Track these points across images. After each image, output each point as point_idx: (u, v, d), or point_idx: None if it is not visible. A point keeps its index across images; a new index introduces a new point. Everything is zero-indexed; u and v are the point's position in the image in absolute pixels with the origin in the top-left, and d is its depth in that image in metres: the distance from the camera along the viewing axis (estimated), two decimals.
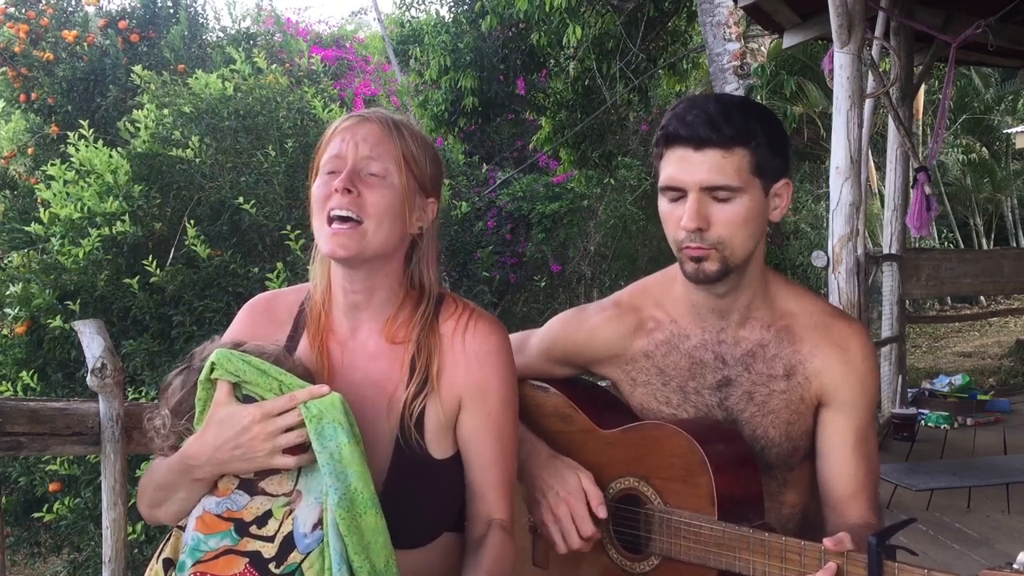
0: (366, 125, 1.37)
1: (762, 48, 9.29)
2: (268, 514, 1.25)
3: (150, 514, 1.37)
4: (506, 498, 1.42)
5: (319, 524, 1.24)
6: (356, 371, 1.41)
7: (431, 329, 1.41)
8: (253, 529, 1.24)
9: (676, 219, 1.42)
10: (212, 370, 1.27)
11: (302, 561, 1.23)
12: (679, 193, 1.42)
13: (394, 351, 1.41)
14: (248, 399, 1.28)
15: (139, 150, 4.96)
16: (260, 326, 1.48)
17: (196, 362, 1.33)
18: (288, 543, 1.23)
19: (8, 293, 4.47)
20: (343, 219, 1.32)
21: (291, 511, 1.25)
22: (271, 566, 1.22)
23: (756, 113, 1.44)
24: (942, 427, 5.71)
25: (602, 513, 1.48)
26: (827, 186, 4.99)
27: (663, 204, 1.46)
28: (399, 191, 1.35)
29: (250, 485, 1.28)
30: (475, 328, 1.42)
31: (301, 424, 1.24)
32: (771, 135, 1.42)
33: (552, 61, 8.82)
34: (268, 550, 1.23)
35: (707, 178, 1.38)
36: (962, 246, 12.95)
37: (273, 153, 5.11)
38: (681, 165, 1.40)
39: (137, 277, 4.44)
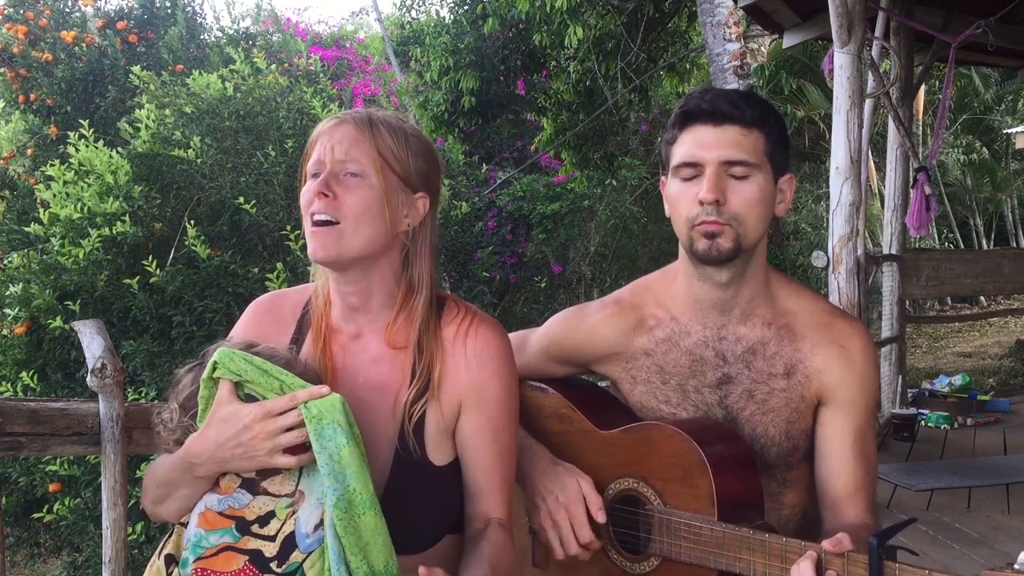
0: (342, 127, 1.37)
1: (762, 48, 9.30)
2: (271, 514, 1.26)
3: (153, 511, 1.37)
4: (505, 500, 1.42)
5: (321, 524, 1.24)
6: (358, 374, 1.41)
7: (432, 333, 1.41)
8: (255, 528, 1.25)
9: (691, 196, 1.43)
10: (214, 369, 1.28)
11: (303, 561, 1.23)
12: (695, 170, 1.43)
13: (396, 355, 1.41)
14: (250, 398, 1.28)
15: (139, 150, 4.96)
16: (264, 326, 1.48)
17: (208, 359, 1.34)
18: (290, 543, 1.24)
19: (8, 293, 4.47)
20: (323, 223, 1.33)
21: (293, 512, 1.26)
22: (272, 565, 1.22)
23: (769, 105, 1.48)
24: (942, 427, 5.71)
25: (601, 518, 1.48)
26: (827, 186, 4.99)
27: (675, 185, 1.46)
28: (377, 191, 1.34)
29: (252, 485, 1.28)
30: (476, 332, 1.42)
31: (302, 424, 1.24)
32: (780, 129, 1.46)
33: (553, 62, 8.82)
34: (269, 549, 1.23)
35: (727, 153, 1.40)
36: (962, 246, 12.94)
37: (273, 153, 5.11)
38: (700, 141, 1.42)
39: (137, 277, 4.44)
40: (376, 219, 1.35)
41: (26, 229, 5.04)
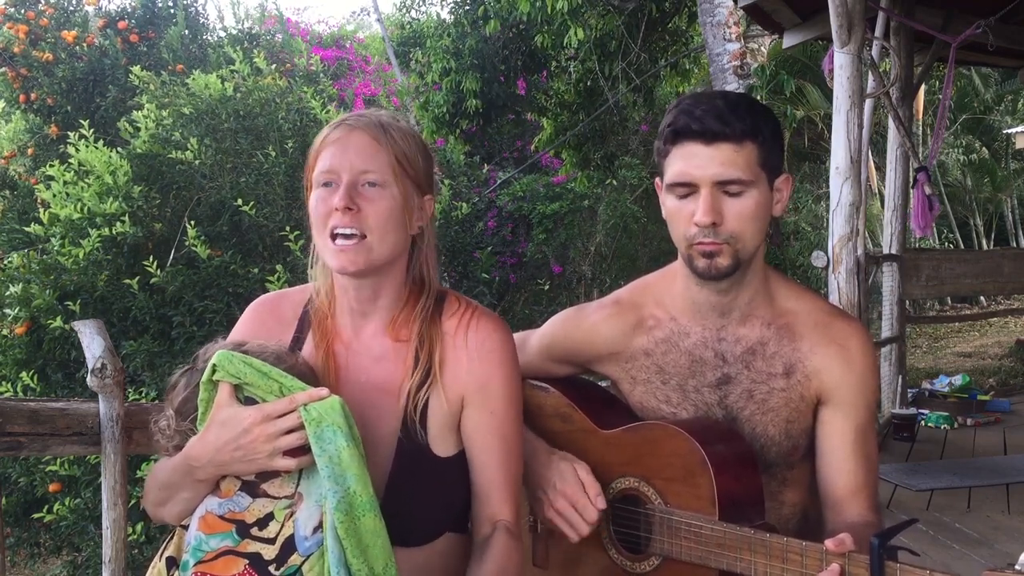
0: (356, 135, 1.35)
1: (762, 48, 9.30)
2: (270, 516, 1.26)
3: (155, 512, 1.37)
4: (511, 499, 1.42)
5: (320, 527, 1.24)
6: (361, 372, 1.41)
7: (433, 323, 1.41)
8: (254, 531, 1.25)
9: (686, 215, 1.42)
10: (214, 372, 1.28)
11: (302, 563, 1.23)
12: (689, 189, 1.41)
13: (398, 350, 1.41)
14: (249, 401, 1.28)
15: (139, 151, 4.96)
16: (266, 326, 1.48)
17: (200, 363, 1.33)
18: (289, 545, 1.24)
19: (8, 293, 4.47)
20: (347, 236, 1.32)
21: (292, 514, 1.26)
22: (271, 568, 1.22)
23: (760, 109, 1.46)
24: (942, 427, 5.71)
25: (601, 503, 1.47)
26: (827, 186, 4.99)
27: (670, 201, 1.45)
28: (398, 198, 1.34)
29: (252, 487, 1.28)
30: (478, 326, 1.42)
31: (301, 426, 1.24)
32: (773, 130, 1.44)
33: (554, 62, 8.82)
34: (269, 552, 1.23)
35: (720, 172, 1.38)
36: (962, 246, 12.94)
37: (273, 154, 5.11)
38: (692, 160, 1.40)
39: (137, 278, 4.44)
40: (399, 226, 1.35)
41: (26, 229, 5.04)
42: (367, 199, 1.33)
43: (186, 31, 8.55)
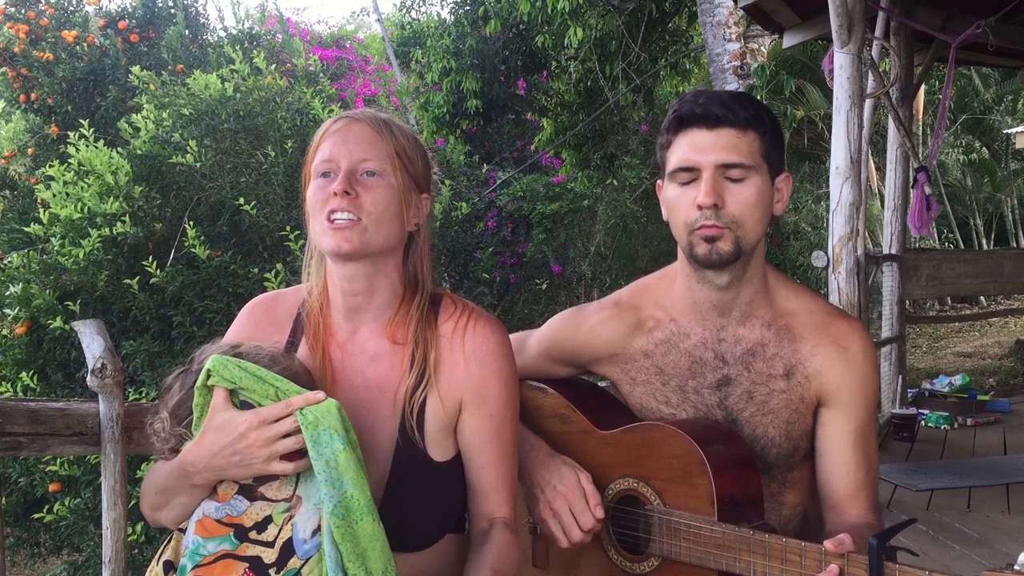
0: (357, 126, 1.37)
1: (762, 48, 9.29)
2: (268, 519, 1.25)
3: (152, 516, 1.37)
4: (509, 498, 1.42)
5: (318, 530, 1.23)
6: (356, 374, 1.41)
7: (429, 326, 1.41)
8: (253, 534, 1.24)
9: (688, 201, 1.43)
10: (208, 376, 1.27)
11: (302, 567, 1.22)
12: (692, 174, 1.42)
13: (395, 351, 1.40)
14: (245, 405, 1.28)
15: (139, 151, 4.96)
16: (261, 327, 1.48)
17: (195, 365, 1.33)
18: (288, 549, 1.23)
19: (8, 293, 4.46)
20: (344, 219, 1.33)
21: (291, 517, 1.25)
22: (271, 571, 1.22)
23: (761, 105, 1.48)
24: (942, 427, 5.71)
25: (599, 513, 1.47)
26: (827, 186, 4.99)
27: (672, 190, 1.46)
28: (396, 189, 1.36)
29: (249, 491, 1.28)
30: (475, 329, 1.42)
31: (298, 430, 1.24)
32: (774, 128, 1.46)
33: (554, 62, 8.83)
34: (268, 555, 1.23)
35: (723, 156, 1.40)
36: (962, 246, 12.94)
37: (272, 153, 5.11)
38: (696, 145, 1.42)
39: (137, 278, 4.44)
40: (395, 217, 1.36)
41: (26, 229, 5.04)
42: (365, 187, 1.34)
43: (186, 31, 8.55)
